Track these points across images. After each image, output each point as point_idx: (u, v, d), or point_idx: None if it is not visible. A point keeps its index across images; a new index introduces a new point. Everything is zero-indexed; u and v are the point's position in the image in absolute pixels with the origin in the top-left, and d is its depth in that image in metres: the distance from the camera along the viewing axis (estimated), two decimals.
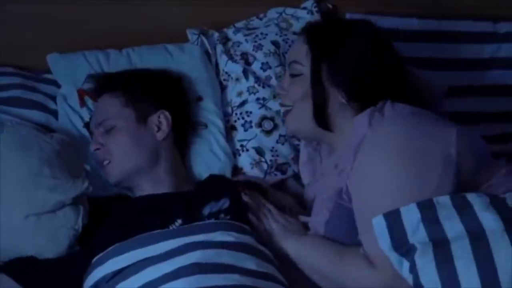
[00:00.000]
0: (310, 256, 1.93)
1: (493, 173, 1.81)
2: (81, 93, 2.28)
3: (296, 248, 1.95)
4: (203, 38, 2.40)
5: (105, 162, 2.10)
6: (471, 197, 1.70)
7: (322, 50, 1.98)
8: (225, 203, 2.03)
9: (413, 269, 1.67)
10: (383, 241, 1.70)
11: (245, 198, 2.05)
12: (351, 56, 1.95)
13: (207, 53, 2.39)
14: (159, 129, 2.14)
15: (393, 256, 1.70)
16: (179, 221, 1.97)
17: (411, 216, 1.69)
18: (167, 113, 2.15)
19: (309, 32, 2.04)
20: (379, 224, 1.71)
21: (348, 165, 1.86)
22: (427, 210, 1.69)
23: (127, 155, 2.10)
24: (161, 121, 2.14)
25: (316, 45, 1.99)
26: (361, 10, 2.48)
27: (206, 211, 2.01)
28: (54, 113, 2.28)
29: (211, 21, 2.46)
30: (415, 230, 1.68)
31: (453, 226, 1.67)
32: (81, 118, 2.26)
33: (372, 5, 2.52)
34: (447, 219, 1.67)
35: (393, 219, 1.71)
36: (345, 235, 1.88)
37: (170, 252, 1.82)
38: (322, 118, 1.97)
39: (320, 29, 2.07)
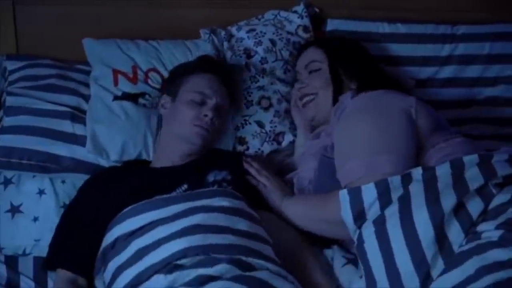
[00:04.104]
0: (296, 204, 2.19)
1: (447, 138, 2.06)
2: (115, 73, 2.46)
3: (284, 202, 2.20)
4: (214, 37, 2.63)
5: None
6: (413, 172, 1.90)
7: (334, 51, 2.40)
8: (227, 175, 2.22)
9: (360, 236, 1.89)
10: (346, 213, 1.91)
11: (246, 165, 2.30)
12: (351, 54, 2.38)
13: (216, 48, 2.60)
14: None
15: (352, 228, 1.92)
16: (185, 186, 2.16)
17: (369, 194, 1.89)
18: None
19: (320, 41, 2.50)
20: (343, 197, 1.92)
21: (334, 127, 2.17)
22: (383, 188, 1.88)
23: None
24: None
25: (329, 48, 2.41)
26: (343, 16, 2.71)
27: (210, 178, 2.20)
28: (84, 97, 2.43)
29: (219, 21, 2.69)
30: (371, 206, 1.88)
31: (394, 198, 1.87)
32: (112, 94, 2.41)
33: (353, 10, 2.73)
34: (394, 194, 1.87)
35: (355, 195, 1.91)
36: (329, 185, 2.09)
37: (177, 215, 1.99)
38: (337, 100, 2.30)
39: (328, 40, 2.56)
